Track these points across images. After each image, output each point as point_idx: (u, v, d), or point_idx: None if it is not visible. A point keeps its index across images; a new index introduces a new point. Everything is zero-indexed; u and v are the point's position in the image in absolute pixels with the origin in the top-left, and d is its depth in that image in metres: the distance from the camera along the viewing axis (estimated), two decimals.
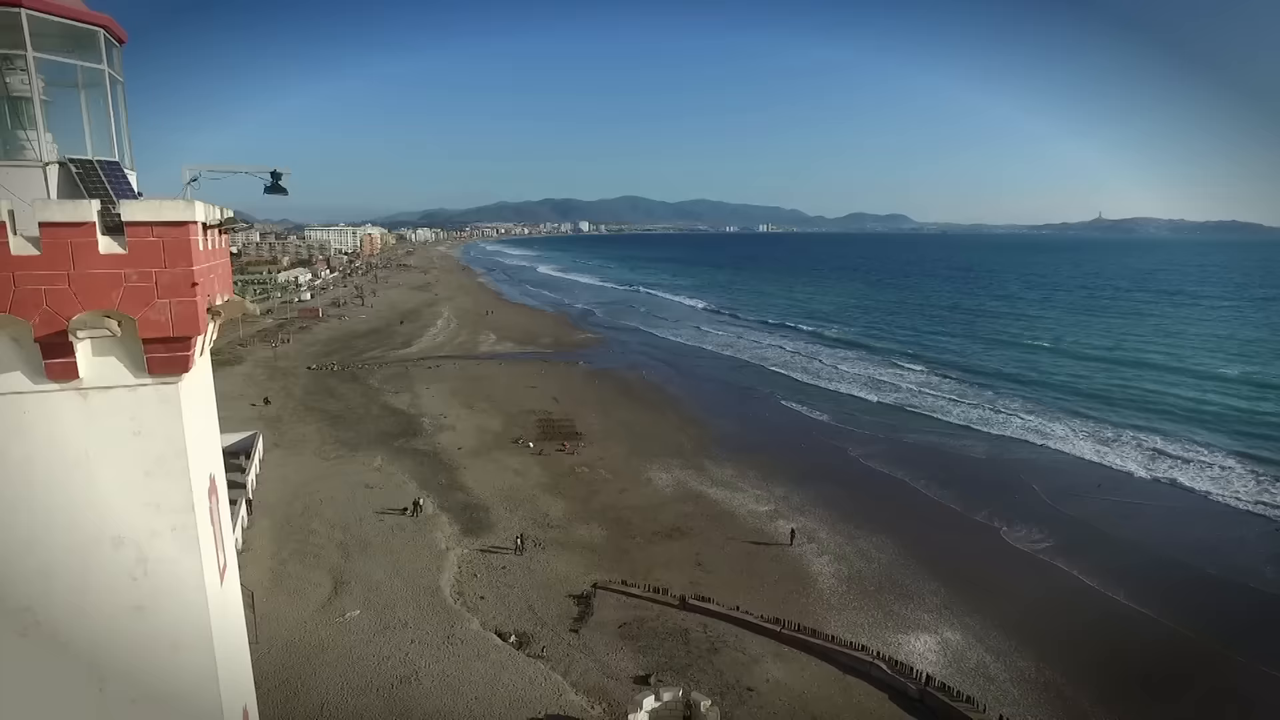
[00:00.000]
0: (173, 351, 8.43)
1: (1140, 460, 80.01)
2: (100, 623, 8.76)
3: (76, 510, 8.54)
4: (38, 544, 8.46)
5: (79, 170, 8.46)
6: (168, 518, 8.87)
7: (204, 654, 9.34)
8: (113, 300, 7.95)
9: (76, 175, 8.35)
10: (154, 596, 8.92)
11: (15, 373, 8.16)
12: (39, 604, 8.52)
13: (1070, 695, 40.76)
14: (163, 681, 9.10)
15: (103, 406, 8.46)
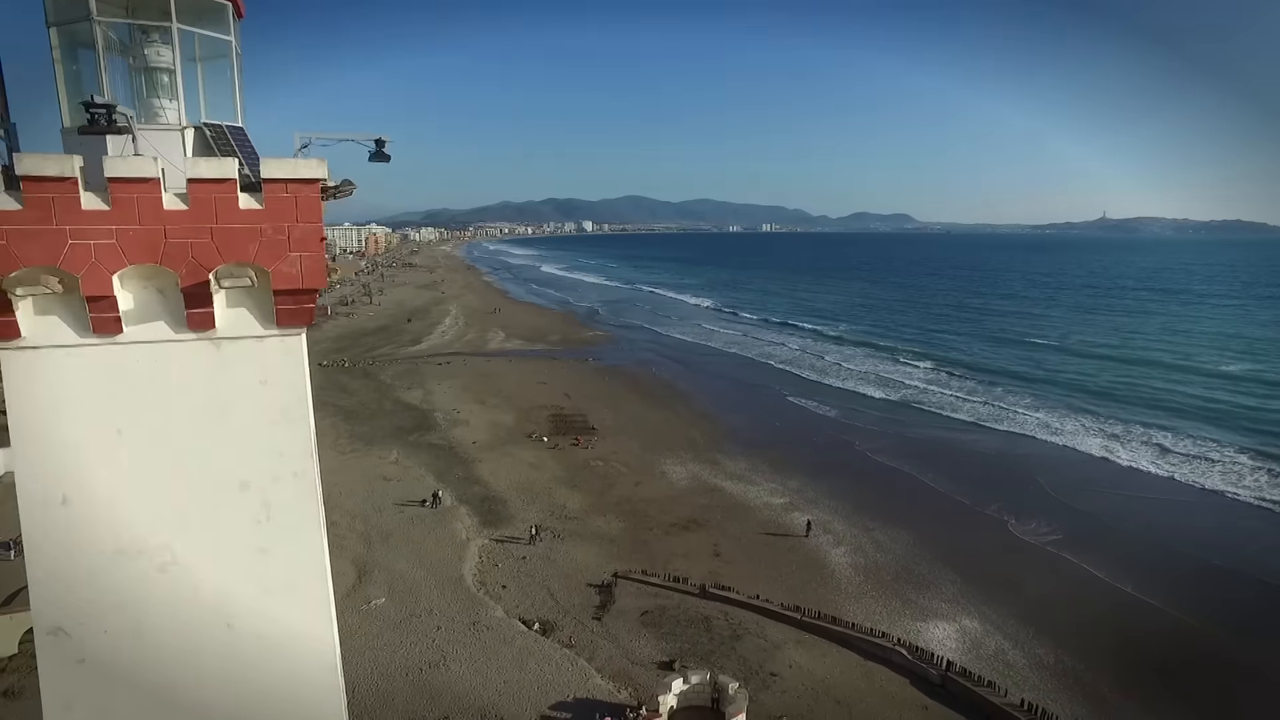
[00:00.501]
0: (300, 304, 8.95)
1: (1149, 456, 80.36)
2: (229, 562, 9.29)
3: (209, 454, 9.05)
4: (176, 486, 8.99)
5: (212, 134, 8.99)
6: (290, 464, 9.40)
7: (320, 596, 9.88)
8: (250, 253, 8.47)
9: (210, 139, 8.88)
10: (276, 540, 9.44)
11: (159, 323, 8.68)
12: (177, 542, 9.05)
13: (1089, 681, 41.21)
14: (282, 621, 9.62)
15: (234, 356, 8.98)
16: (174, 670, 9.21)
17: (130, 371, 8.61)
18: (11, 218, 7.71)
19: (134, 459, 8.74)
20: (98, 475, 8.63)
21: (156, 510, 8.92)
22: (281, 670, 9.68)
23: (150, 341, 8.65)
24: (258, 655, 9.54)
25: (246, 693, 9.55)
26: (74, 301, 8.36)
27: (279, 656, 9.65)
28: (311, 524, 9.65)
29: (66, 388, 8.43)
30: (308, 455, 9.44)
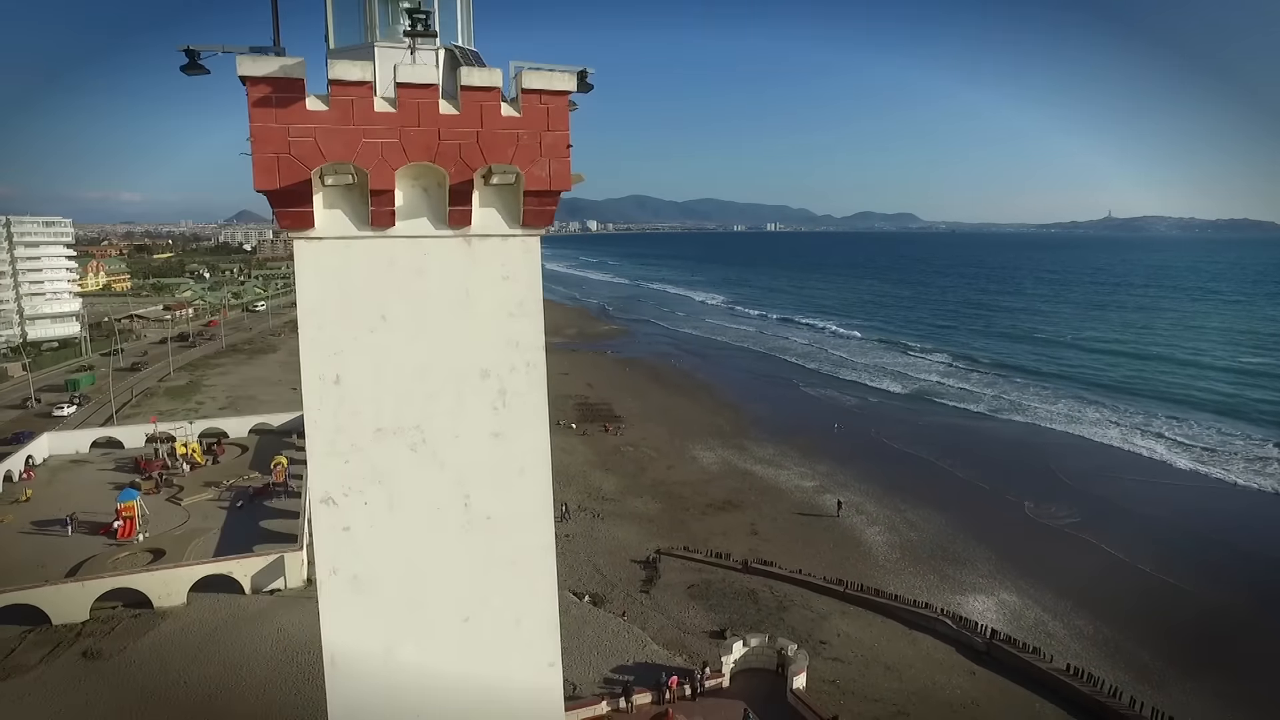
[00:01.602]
0: (544, 205, 9.86)
1: (1165, 446, 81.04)
2: (469, 445, 10.19)
3: (457, 343, 9.97)
4: (428, 371, 9.89)
5: (460, 54, 9.91)
6: (524, 355, 10.31)
7: (543, 480, 10.82)
8: (508, 156, 9.37)
9: (459, 57, 9.79)
10: (510, 425, 10.34)
11: (423, 219, 9.60)
12: (426, 424, 9.97)
13: (1129, 649, 42.10)
14: (511, 503, 10.54)
15: (483, 252, 9.90)
16: (419, 542, 10.15)
17: (397, 263, 9.56)
18: (320, 117, 8.66)
19: (395, 345, 9.68)
20: (365, 358, 9.56)
21: (411, 393, 9.86)
22: (507, 547, 10.63)
23: (414, 236, 9.59)
24: (487, 533, 10.48)
25: (476, 566, 10.50)
26: (354, 197, 9.30)
27: (505, 534, 10.59)
28: (540, 414, 10.58)
29: (344, 275, 9.37)
30: (539, 348, 10.39)
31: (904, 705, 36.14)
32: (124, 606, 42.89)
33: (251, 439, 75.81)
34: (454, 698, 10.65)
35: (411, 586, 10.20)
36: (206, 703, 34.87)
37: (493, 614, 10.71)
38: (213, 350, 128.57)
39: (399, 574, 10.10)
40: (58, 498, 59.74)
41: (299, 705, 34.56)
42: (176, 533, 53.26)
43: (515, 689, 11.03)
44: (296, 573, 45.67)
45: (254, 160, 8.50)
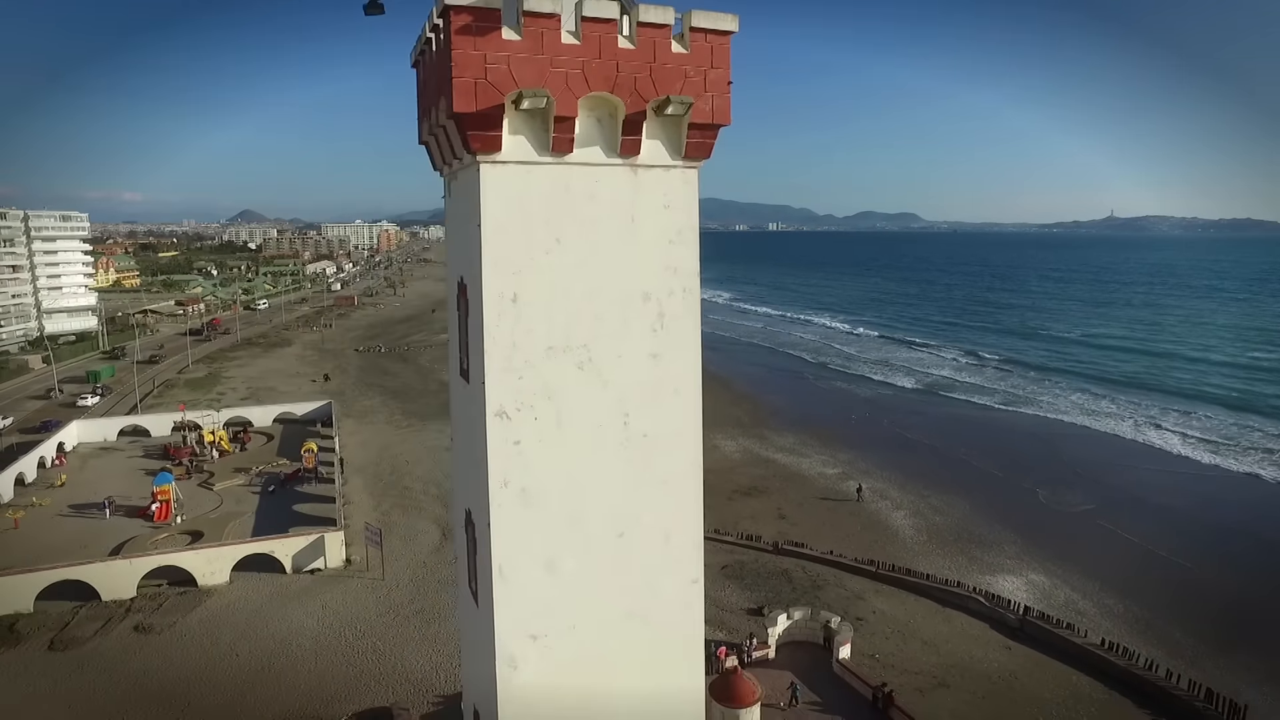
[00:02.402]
0: (705, 139, 10.47)
1: (1178, 439, 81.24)
2: (630, 365, 10.80)
3: (622, 267, 10.58)
4: (596, 293, 10.50)
5: None
6: (681, 281, 10.92)
7: (694, 402, 11.43)
8: (677, 88, 10.00)
9: (625, 3, 10.40)
10: (667, 347, 10.95)
11: (595, 148, 10.21)
12: (592, 343, 10.57)
13: (1159, 626, 42.66)
14: (665, 422, 11.15)
15: (647, 182, 10.51)
16: (581, 458, 10.77)
17: (572, 188, 10.18)
18: (514, 46, 9.28)
19: (567, 266, 10.30)
20: (540, 278, 10.18)
21: (580, 313, 10.49)
22: (660, 465, 11.26)
23: (588, 164, 10.22)
24: (643, 451, 11.11)
25: (631, 483, 11.13)
26: (536, 125, 9.92)
27: (659, 453, 11.22)
28: (694, 337, 11.22)
29: (525, 199, 9.99)
30: (695, 275, 11.02)
31: (944, 677, 36.73)
32: (169, 584, 43.57)
33: (276, 428, 76.52)
34: (607, 611, 11.29)
35: (573, 501, 10.82)
36: (260, 674, 35.54)
37: (644, 530, 11.33)
38: (228, 344, 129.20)
39: (562, 488, 10.71)
40: (91, 483, 60.46)
41: (351, 677, 35.25)
42: (212, 516, 53.97)
43: (662, 603, 11.67)
44: (336, 553, 46.33)
45: (454, 84, 9.12)
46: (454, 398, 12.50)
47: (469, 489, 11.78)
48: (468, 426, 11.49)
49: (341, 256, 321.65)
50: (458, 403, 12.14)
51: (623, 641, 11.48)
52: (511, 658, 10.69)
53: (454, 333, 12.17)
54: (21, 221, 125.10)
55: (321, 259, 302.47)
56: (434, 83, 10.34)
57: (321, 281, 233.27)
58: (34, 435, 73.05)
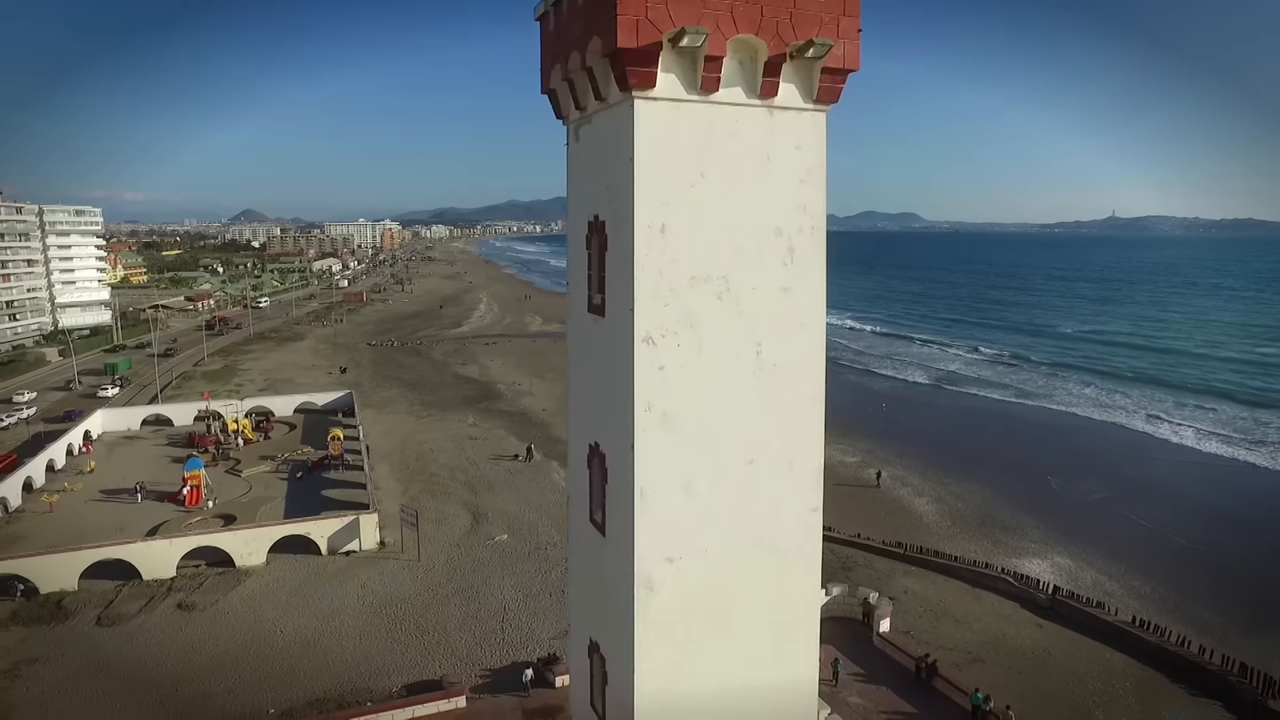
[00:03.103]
0: (835, 83, 11.00)
1: (1192, 431, 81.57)
2: (763, 297, 11.34)
3: (757, 203, 11.12)
4: (734, 227, 11.03)
5: None
6: (809, 219, 11.46)
7: (819, 335, 11.98)
8: (814, 33, 10.53)
9: None
10: (795, 281, 11.49)
11: (736, 88, 10.74)
12: (731, 275, 11.10)
13: (1187, 607, 43.15)
14: (793, 353, 11.69)
15: (782, 122, 11.04)
16: (718, 385, 11.31)
17: (715, 126, 10.72)
18: None
19: (710, 200, 10.84)
20: (686, 210, 10.72)
21: (720, 245, 11.03)
22: (787, 395, 11.80)
23: (730, 104, 10.76)
24: (773, 380, 11.67)
25: (761, 411, 11.68)
26: (685, 64, 10.46)
27: (787, 383, 11.77)
28: (820, 274, 11.77)
29: (673, 134, 10.52)
30: (822, 214, 11.56)
31: (979, 653, 37.25)
32: (207, 565, 44.07)
33: (297, 417, 77.07)
34: (735, 537, 11.83)
35: (709, 427, 11.35)
36: (306, 648, 36.05)
37: (772, 458, 11.88)
38: (240, 338, 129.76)
39: (700, 414, 11.25)
40: (118, 470, 61.00)
41: (396, 652, 35.74)
42: (243, 500, 54.51)
43: (785, 531, 12.23)
44: (370, 535, 46.83)
45: (619, 21, 9.65)
46: (578, 336, 12.99)
47: (598, 421, 12.30)
48: (599, 360, 12.01)
49: (346, 254, 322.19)
50: (583, 340, 12.64)
51: (748, 567, 12.00)
52: (649, 580, 11.21)
53: (579, 272, 12.67)
54: (36, 216, 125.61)
55: (326, 256, 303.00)
56: (580, 27, 10.88)
57: (328, 278, 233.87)
58: (58, 424, 73.55)
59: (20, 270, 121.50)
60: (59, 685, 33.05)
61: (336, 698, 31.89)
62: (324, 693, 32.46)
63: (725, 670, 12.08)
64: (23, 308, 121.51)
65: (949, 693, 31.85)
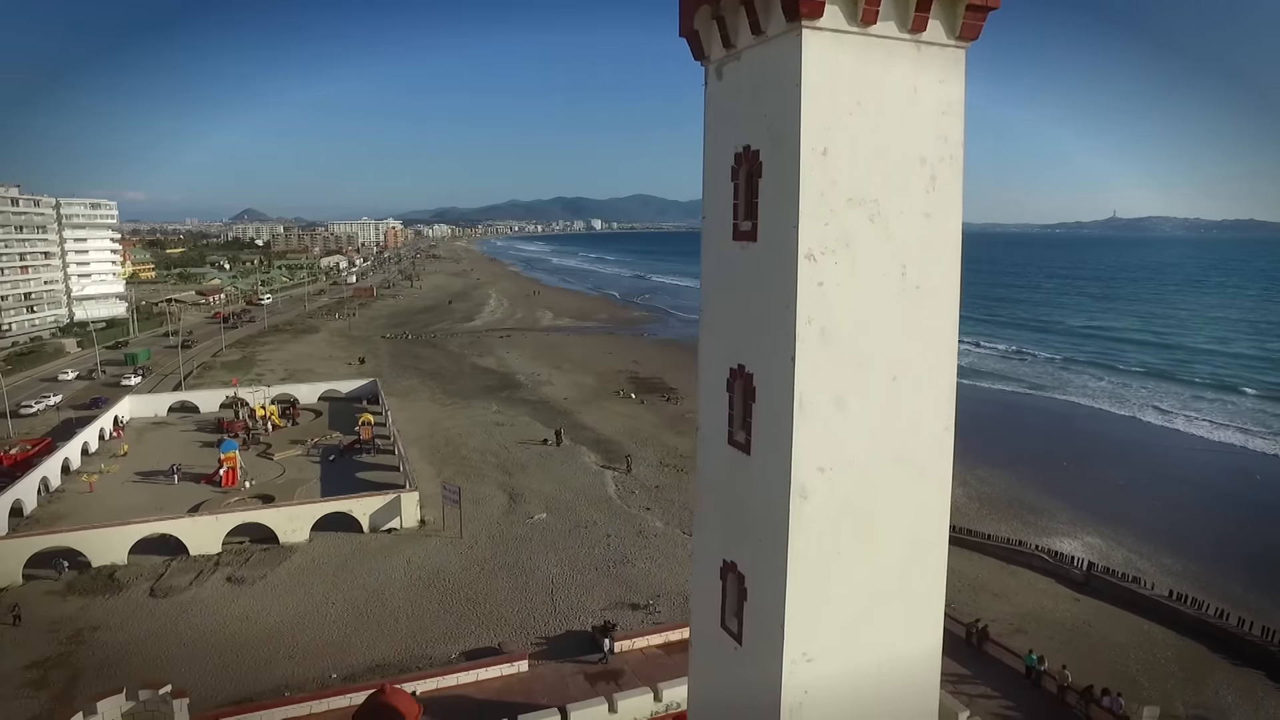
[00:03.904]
0: (976, 20, 11.58)
1: (1207, 423, 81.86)
2: (908, 221, 11.91)
3: (905, 132, 11.69)
4: (884, 153, 11.61)
5: None
6: (950, 149, 12.04)
7: (955, 261, 12.56)
8: None
9: None
10: (937, 207, 12.06)
11: (889, 22, 11.28)
12: (881, 199, 11.69)
13: (1220, 584, 43.73)
14: (932, 277, 12.28)
15: (928, 57, 11.59)
16: (868, 304, 11.87)
17: (870, 57, 11.30)
18: None
19: (864, 128, 11.43)
20: (844, 136, 11.31)
21: (872, 170, 11.62)
22: (925, 315, 12.42)
23: (884, 36, 11.36)
24: (915, 302, 12.28)
25: (904, 330, 12.28)
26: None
27: (926, 304, 12.37)
28: (958, 201, 12.36)
29: (836, 62, 11.11)
30: (960, 144, 12.16)
31: (1020, 625, 37.88)
32: (251, 541, 44.65)
33: (322, 405, 77.70)
34: (878, 451, 12.45)
35: (860, 343, 11.96)
36: (359, 618, 36.64)
37: (913, 375, 12.50)
38: (256, 330, 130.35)
39: (852, 330, 11.85)
40: (151, 453, 61.62)
41: (450, 623, 36.33)
42: (278, 482, 55.13)
43: (922, 447, 12.86)
44: (411, 513, 47.41)
45: None
46: (719, 266, 13.51)
47: (744, 344, 12.91)
48: (750, 283, 12.60)
49: (351, 252, 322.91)
50: (727, 268, 13.17)
51: (889, 482, 12.61)
52: (803, 488, 11.81)
53: (720, 204, 13.24)
54: (54, 209, 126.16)
55: (332, 254, 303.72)
56: None
57: (335, 274, 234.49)
58: (85, 411, 74.18)
59: (38, 262, 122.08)
60: (122, 650, 33.65)
61: (397, 663, 32.49)
62: (383, 659, 33.06)
63: (864, 582, 12.69)
64: (40, 300, 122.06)
65: (1000, 656, 32.50)
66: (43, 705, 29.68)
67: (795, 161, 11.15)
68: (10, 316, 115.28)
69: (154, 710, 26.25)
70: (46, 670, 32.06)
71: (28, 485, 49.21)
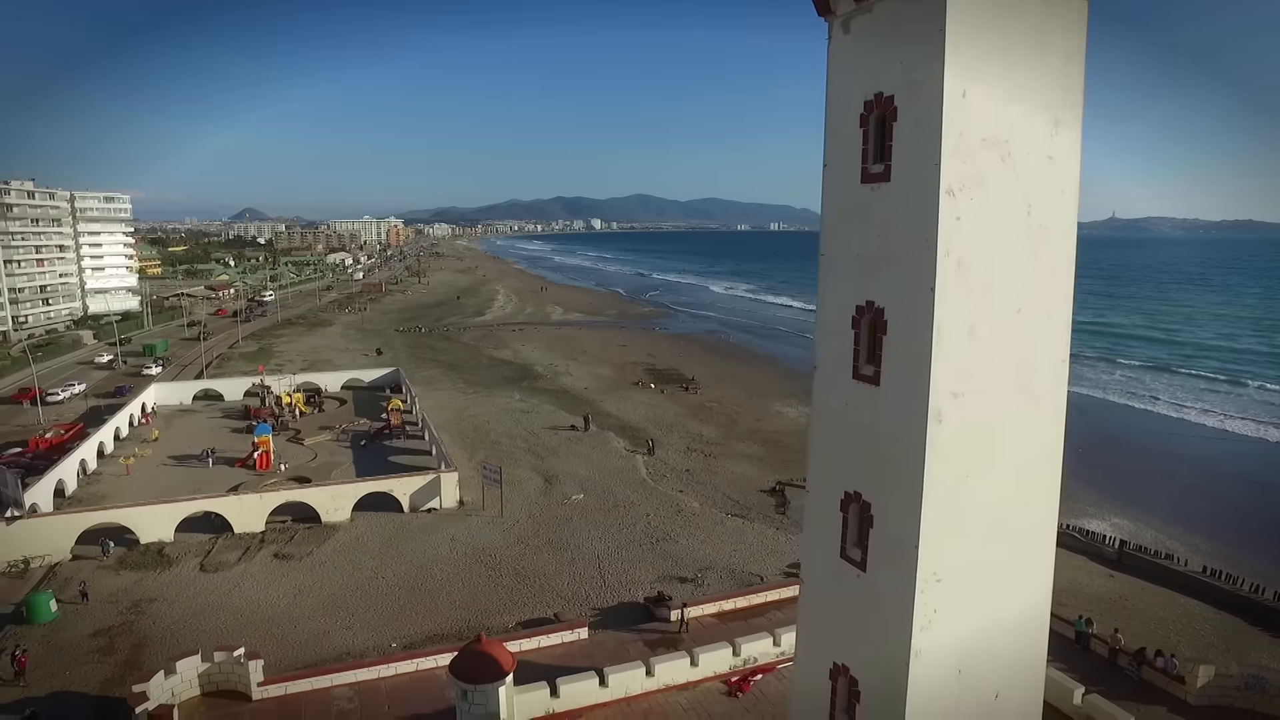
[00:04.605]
0: None
1: (1218, 415, 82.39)
2: (1033, 163, 12.60)
3: (1030, 80, 12.38)
4: (1015, 100, 12.23)
5: None
6: (1071, 95, 12.70)
7: (1074, 201, 13.29)
8: None
9: None
10: (1058, 151, 12.73)
11: None
12: (1010, 141, 12.36)
13: (1250, 562, 44.41)
14: (1054, 217, 13.01)
15: (1055, 7, 12.40)
16: (996, 240, 12.52)
17: (1004, 6, 12.00)
18: None
19: (994, 74, 12.03)
20: (977, 81, 11.94)
21: (1002, 114, 12.20)
22: (1048, 253, 13.15)
23: None
24: (1039, 241, 12.97)
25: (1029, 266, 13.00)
26: None
27: (1049, 243, 13.11)
28: (1078, 145, 13.07)
29: (974, 11, 11.75)
30: (1081, 91, 12.90)
31: (1058, 598, 37.79)
32: (293, 521, 45.22)
33: (345, 393, 78.30)
34: (1003, 380, 13.13)
35: (990, 275, 12.61)
36: (412, 591, 37.24)
37: (1034, 309, 13.18)
38: (269, 324, 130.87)
39: (984, 263, 12.50)
40: (181, 439, 62.17)
41: (502, 595, 36.93)
42: (312, 465, 55.75)
43: (1040, 378, 13.55)
44: (451, 493, 48.01)
45: None
46: (847, 209, 14.14)
47: (873, 281, 13.56)
48: (882, 221, 13.26)
49: (356, 249, 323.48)
50: (857, 209, 13.76)
51: (1010, 410, 13.29)
52: (938, 412, 12.47)
53: (846, 150, 13.87)
54: (68, 202, 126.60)
55: (335, 251, 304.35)
56: None
57: (342, 270, 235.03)
58: (111, 399, 74.79)
59: (53, 255, 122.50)
60: (181, 619, 34.24)
61: (455, 633, 33.05)
62: (440, 629, 33.66)
63: (987, 506, 13.37)
64: (55, 292, 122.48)
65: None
66: (114, 669, 30.28)
67: (938, 104, 11.80)
68: (27, 309, 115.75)
69: (229, 670, 26.93)
70: (112, 638, 32.65)
71: (69, 467, 49.79)
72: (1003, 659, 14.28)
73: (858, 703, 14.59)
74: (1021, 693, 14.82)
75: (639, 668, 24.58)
